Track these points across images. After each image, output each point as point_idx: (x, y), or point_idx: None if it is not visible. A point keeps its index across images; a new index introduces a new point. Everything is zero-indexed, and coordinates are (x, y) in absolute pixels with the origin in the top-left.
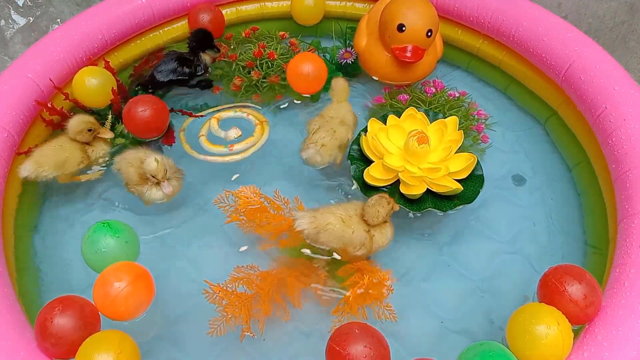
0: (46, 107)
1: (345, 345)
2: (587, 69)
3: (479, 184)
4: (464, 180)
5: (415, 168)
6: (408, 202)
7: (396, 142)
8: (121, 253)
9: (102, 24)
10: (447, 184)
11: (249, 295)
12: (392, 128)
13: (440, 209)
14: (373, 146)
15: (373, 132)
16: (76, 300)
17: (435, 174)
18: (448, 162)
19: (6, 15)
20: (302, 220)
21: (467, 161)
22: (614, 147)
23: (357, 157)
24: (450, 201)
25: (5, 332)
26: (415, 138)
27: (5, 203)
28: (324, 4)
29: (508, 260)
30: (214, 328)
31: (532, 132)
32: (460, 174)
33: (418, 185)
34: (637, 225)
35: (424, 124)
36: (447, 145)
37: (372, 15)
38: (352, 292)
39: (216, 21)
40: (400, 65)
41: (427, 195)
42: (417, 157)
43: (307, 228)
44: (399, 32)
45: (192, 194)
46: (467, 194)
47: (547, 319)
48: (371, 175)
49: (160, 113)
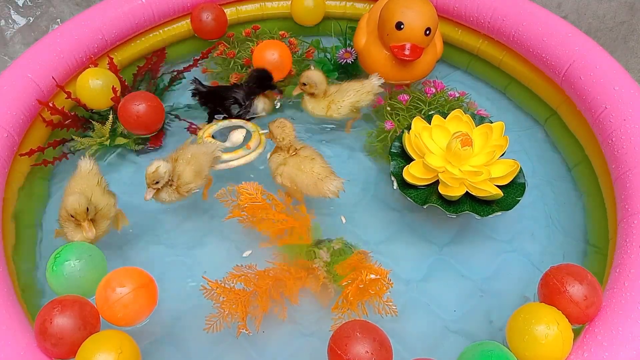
0: (47, 106)
1: (346, 349)
2: (587, 69)
3: (520, 192)
4: (504, 187)
5: (456, 170)
6: (445, 203)
7: (439, 142)
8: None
9: (102, 24)
10: (488, 188)
11: (247, 292)
12: (436, 128)
13: (478, 213)
14: (415, 144)
15: (416, 130)
16: (76, 300)
17: (476, 177)
18: (490, 166)
19: (6, 15)
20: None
21: (510, 167)
22: (614, 147)
23: (398, 154)
24: (488, 206)
25: (6, 332)
26: (459, 140)
27: (5, 203)
28: (324, 4)
29: (508, 260)
30: (210, 324)
31: (532, 132)
32: (501, 180)
33: (457, 187)
34: (637, 225)
35: (469, 126)
36: (490, 150)
37: (372, 14)
38: (351, 288)
39: (219, 20)
40: (399, 64)
41: (466, 198)
42: (459, 159)
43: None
44: (397, 30)
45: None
46: (506, 200)
47: (547, 319)
48: (410, 174)
49: (155, 110)
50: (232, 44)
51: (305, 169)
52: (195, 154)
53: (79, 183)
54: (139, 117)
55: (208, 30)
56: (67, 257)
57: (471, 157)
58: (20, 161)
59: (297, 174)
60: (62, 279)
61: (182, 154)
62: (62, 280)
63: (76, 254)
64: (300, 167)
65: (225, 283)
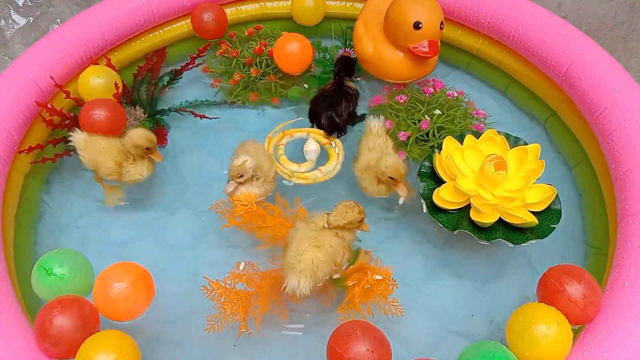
0: (46, 107)
1: (347, 347)
2: (587, 69)
3: (555, 219)
4: (538, 213)
5: (489, 194)
6: (477, 229)
7: (471, 164)
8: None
9: (102, 24)
10: (522, 215)
11: (248, 292)
12: (468, 149)
13: (511, 241)
14: (446, 166)
15: (448, 151)
16: (75, 300)
17: (510, 203)
18: (525, 192)
19: (6, 15)
20: (294, 284)
21: (545, 193)
22: (614, 147)
23: (428, 175)
24: (522, 233)
25: (5, 332)
26: (493, 163)
27: (5, 203)
28: (324, 5)
29: (508, 260)
30: (211, 325)
31: (532, 132)
32: (537, 206)
33: (490, 213)
34: (637, 225)
35: (503, 148)
36: (525, 175)
37: (367, 20)
38: (356, 289)
39: (219, 20)
40: (416, 63)
41: (498, 225)
42: (492, 183)
43: (305, 289)
44: (416, 30)
45: (191, 195)
46: (541, 228)
47: (547, 319)
48: (441, 197)
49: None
50: (234, 43)
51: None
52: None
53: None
54: (98, 123)
55: (208, 30)
56: (50, 265)
57: (505, 182)
58: (20, 161)
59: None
60: (47, 287)
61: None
62: (48, 290)
63: (59, 261)
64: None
65: (225, 283)
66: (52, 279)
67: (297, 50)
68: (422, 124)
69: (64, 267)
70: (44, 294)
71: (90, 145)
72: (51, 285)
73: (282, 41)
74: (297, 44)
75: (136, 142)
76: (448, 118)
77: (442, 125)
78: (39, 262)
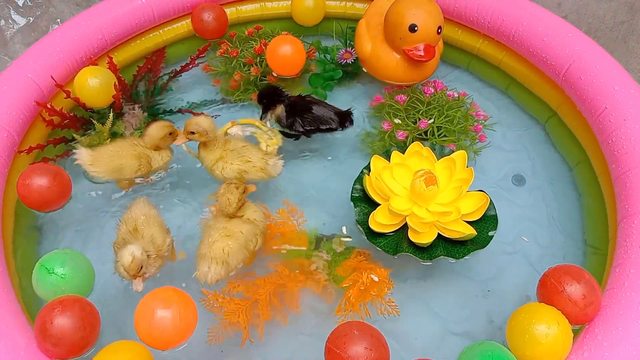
0: (46, 107)
1: (345, 347)
2: (587, 69)
3: (492, 226)
4: (475, 222)
5: (423, 211)
6: (418, 249)
7: (402, 182)
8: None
9: (102, 24)
10: (460, 229)
11: (248, 301)
12: (396, 167)
13: (454, 256)
14: (377, 187)
15: (377, 171)
16: (76, 300)
17: (446, 217)
18: (459, 202)
19: (6, 15)
20: (205, 269)
21: (480, 201)
22: (614, 147)
23: (361, 199)
24: (463, 246)
25: (6, 332)
26: (423, 179)
27: (5, 203)
28: (324, 4)
29: (508, 260)
30: (212, 336)
31: (532, 132)
32: (473, 215)
33: (428, 231)
34: (637, 225)
35: (430, 161)
36: (457, 185)
37: (370, 19)
38: (353, 291)
39: (220, 20)
40: (412, 66)
41: (439, 241)
42: (425, 199)
43: (217, 275)
44: (411, 32)
45: (190, 197)
46: (480, 237)
47: (547, 318)
48: (376, 222)
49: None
50: (235, 43)
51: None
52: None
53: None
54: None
55: (209, 30)
56: (52, 265)
57: (438, 195)
58: (20, 161)
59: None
60: (48, 286)
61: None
62: (49, 289)
63: (60, 260)
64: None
65: (224, 293)
66: (53, 279)
67: (289, 53)
68: (421, 123)
69: (65, 267)
70: (45, 293)
71: (100, 156)
72: (52, 285)
73: (273, 44)
74: (289, 47)
75: (159, 134)
76: (447, 118)
77: (442, 125)
78: (40, 262)
